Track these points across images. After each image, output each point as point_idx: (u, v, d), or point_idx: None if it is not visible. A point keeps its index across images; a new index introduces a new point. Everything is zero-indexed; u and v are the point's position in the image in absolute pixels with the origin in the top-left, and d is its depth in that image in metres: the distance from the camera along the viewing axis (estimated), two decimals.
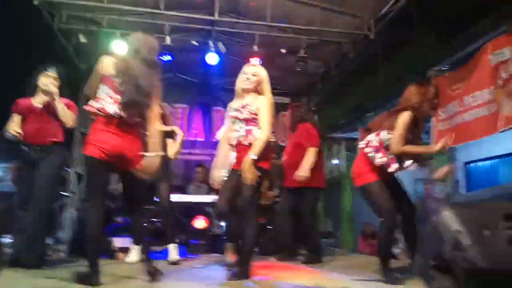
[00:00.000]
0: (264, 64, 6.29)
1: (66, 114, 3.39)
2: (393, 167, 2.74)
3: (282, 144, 7.24)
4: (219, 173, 3.16)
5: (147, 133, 2.65)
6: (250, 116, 2.90)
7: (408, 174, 7.97)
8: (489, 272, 1.74)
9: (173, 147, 3.87)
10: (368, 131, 6.09)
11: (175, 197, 4.83)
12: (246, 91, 2.99)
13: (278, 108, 8.10)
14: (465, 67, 4.83)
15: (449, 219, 1.89)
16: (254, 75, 2.99)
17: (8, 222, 3.34)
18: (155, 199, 4.37)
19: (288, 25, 5.81)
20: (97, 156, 2.46)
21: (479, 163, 8.16)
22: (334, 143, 10.35)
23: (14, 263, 3.12)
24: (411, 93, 2.80)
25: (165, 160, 3.90)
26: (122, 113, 2.52)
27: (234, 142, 3.00)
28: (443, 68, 5.15)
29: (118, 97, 2.53)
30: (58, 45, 5.93)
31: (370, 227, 7.38)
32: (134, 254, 3.84)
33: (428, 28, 5.56)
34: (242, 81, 3.01)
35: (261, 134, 2.88)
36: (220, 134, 3.52)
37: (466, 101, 4.78)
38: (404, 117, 2.75)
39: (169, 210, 4.08)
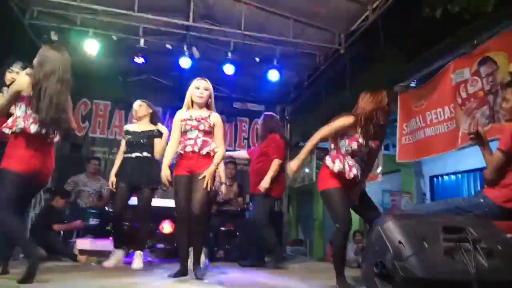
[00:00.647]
0: (238, 71, 6.43)
1: None
2: (352, 173, 2.80)
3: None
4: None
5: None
6: (209, 128, 3.17)
7: (375, 185, 8.20)
8: (427, 281, 1.84)
9: (158, 147, 3.89)
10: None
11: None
12: (200, 104, 3.21)
13: (251, 115, 8.24)
14: (429, 85, 5.04)
15: (392, 229, 1.99)
16: (206, 89, 3.24)
17: None
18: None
19: (262, 35, 5.90)
20: (15, 169, 2.63)
21: (445, 177, 8.48)
22: None
23: None
24: (365, 100, 2.89)
25: (150, 162, 3.92)
26: (42, 131, 2.68)
27: (188, 150, 3.11)
28: (408, 85, 5.34)
29: (36, 115, 2.65)
30: (28, 41, 5.81)
31: None
32: (113, 259, 3.81)
33: (395, 46, 5.77)
34: (195, 95, 3.21)
35: (221, 149, 3.18)
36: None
37: (429, 117, 4.98)
38: (344, 119, 2.87)
39: (145, 216, 4.01)
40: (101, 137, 7.43)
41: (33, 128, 2.66)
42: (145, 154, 3.96)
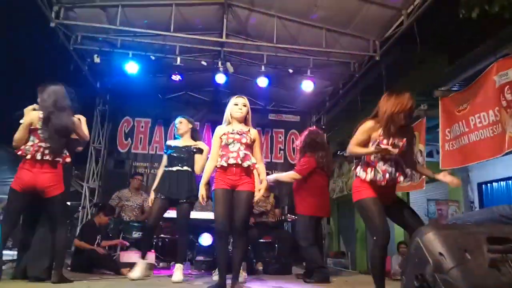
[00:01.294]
0: (272, 83, 6.49)
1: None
2: (386, 178, 2.70)
3: (292, 162, 7.32)
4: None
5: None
6: (250, 142, 3.26)
7: (420, 194, 7.88)
8: None
9: (199, 163, 3.99)
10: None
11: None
12: (239, 119, 3.30)
13: (287, 126, 8.25)
14: (471, 88, 4.81)
15: (432, 241, 1.91)
16: (244, 105, 3.35)
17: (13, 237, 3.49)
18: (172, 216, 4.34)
19: (295, 46, 5.93)
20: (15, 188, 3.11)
21: (494, 184, 8.01)
22: (344, 161, 10.31)
23: (20, 275, 3.24)
24: (388, 102, 2.79)
25: (190, 176, 4.01)
26: (48, 157, 3.09)
27: (231, 162, 3.15)
28: (449, 89, 5.14)
29: (43, 144, 3.10)
30: (74, 65, 6.18)
31: None
32: (138, 270, 3.84)
33: (433, 49, 5.59)
34: (235, 111, 3.31)
35: (261, 165, 3.34)
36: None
37: (472, 121, 4.75)
38: (364, 124, 2.82)
39: (184, 229, 4.05)
40: (143, 153, 7.72)
41: (39, 156, 3.07)
42: (185, 168, 4.04)
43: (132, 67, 6.01)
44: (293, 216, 5.40)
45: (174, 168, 4.02)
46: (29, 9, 5.26)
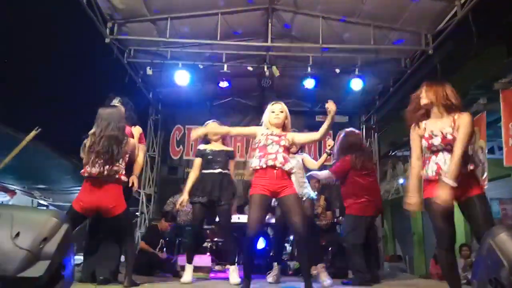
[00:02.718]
0: (319, 84, 6.42)
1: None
2: (442, 172, 2.49)
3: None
4: None
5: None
6: (288, 145, 3.22)
7: None
8: None
9: (232, 167, 4.07)
10: None
11: (234, 218, 4.94)
12: (277, 125, 3.27)
13: (335, 127, 8.09)
14: None
15: (506, 242, 1.79)
16: (281, 111, 3.30)
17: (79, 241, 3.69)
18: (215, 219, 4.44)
19: (341, 45, 5.83)
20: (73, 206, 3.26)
21: None
22: (398, 162, 9.94)
23: (87, 279, 3.43)
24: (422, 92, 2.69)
25: (229, 179, 4.07)
26: (107, 175, 3.22)
27: (270, 164, 3.09)
28: (511, 81, 4.81)
29: (101, 163, 3.22)
30: (129, 77, 6.50)
31: None
32: (187, 274, 3.87)
33: (491, 40, 5.25)
34: (272, 118, 3.28)
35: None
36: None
37: None
38: (471, 118, 2.66)
39: (228, 231, 4.06)
40: (194, 159, 7.89)
41: (91, 172, 3.21)
42: (226, 170, 4.07)
43: (182, 77, 6.20)
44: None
45: (217, 171, 4.02)
46: (85, 27, 5.58)
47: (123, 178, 3.32)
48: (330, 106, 3.09)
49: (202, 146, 4.28)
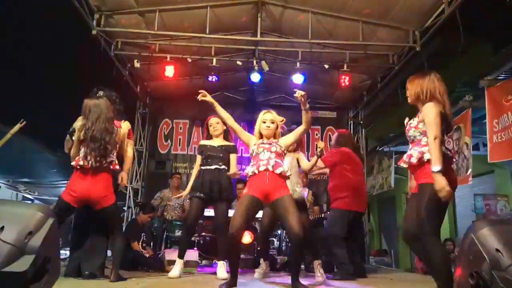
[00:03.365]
0: (308, 79, 6.43)
1: None
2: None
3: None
4: None
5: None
6: (280, 150, 3.24)
7: (466, 189, 7.55)
8: None
9: (233, 162, 4.08)
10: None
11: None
12: (268, 136, 3.30)
13: (323, 123, 8.15)
14: None
15: (487, 237, 1.83)
16: (272, 122, 3.31)
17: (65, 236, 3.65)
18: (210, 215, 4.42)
19: (330, 41, 5.84)
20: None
21: None
22: (384, 157, 10.05)
23: (73, 273, 3.41)
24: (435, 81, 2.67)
25: (223, 176, 4.06)
26: (98, 164, 3.20)
27: (261, 169, 3.14)
28: (496, 78, 4.89)
29: (91, 154, 3.22)
30: (116, 70, 6.41)
31: None
32: (177, 269, 3.87)
33: (478, 38, 5.33)
34: (263, 129, 3.29)
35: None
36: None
37: None
38: (435, 107, 2.58)
39: (222, 227, 3.98)
40: (182, 153, 7.90)
41: (84, 164, 3.20)
42: (223, 166, 4.07)
43: (170, 71, 6.15)
44: None
45: (213, 167, 4.04)
46: (72, 18, 5.48)
47: (117, 167, 3.33)
48: (298, 93, 3.10)
49: (203, 142, 4.30)
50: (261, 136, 3.32)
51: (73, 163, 3.24)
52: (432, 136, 2.45)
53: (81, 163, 3.19)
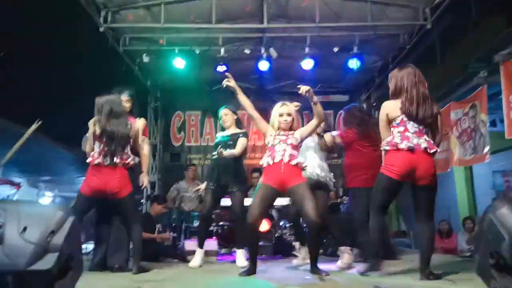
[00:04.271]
0: (317, 64, 6.36)
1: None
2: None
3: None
4: None
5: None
6: (296, 143, 3.26)
7: (485, 165, 7.44)
8: None
9: (240, 144, 4.07)
10: None
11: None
12: (284, 129, 3.31)
13: (335, 107, 8.07)
14: None
15: (506, 216, 1.80)
16: (289, 114, 3.32)
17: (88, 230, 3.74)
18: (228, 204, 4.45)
19: (339, 24, 5.75)
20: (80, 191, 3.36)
21: None
22: None
23: (98, 268, 3.50)
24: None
25: (236, 162, 4.08)
26: (113, 161, 3.27)
27: (277, 160, 3.17)
28: (511, 52, 4.75)
29: (106, 149, 3.29)
30: (125, 66, 6.46)
31: (445, 225, 7.02)
32: (197, 259, 3.96)
33: (491, 11, 5.16)
34: (281, 122, 3.30)
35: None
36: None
37: None
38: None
39: (240, 216, 4.02)
40: (196, 145, 7.95)
41: (99, 160, 3.27)
42: None
43: (179, 63, 6.17)
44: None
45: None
46: (79, 16, 5.52)
47: (131, 162, 3.38)
48: (302, 90, 3.13)
49: (218, 134, 4.39)
50: (277, 127, 3.33)
51: (89, 159, 3.31)
52: None
53: (96, 161, 3.26)
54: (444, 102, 6.04)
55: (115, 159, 3.27)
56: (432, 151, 2.83)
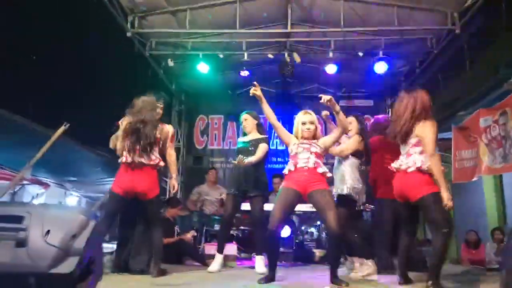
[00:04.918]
0: (341, 68, 6.29)
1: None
2: None
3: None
4: None
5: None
6: (321, 151, 3.26)
7: (510, 179, 7.14)
8: None
9: (261, 148, 4.01)
10: (463, 129, 5.64)
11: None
12: (307, 138, 3.28)
13: (359, 112, 7.92)
14: None
15: None
16: (311, 123, 3.30)
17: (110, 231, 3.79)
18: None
19: (364, 28, 5.67)
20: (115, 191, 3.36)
21: None
22: None
23: (121, 269, 3.55)
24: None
25: (257, 169, 4.03)
26: (143, 160, 3.31)
27: (300, 166, 3.17)
28: None
29: (136, 149, 3.33)
30: (151, 70, 6.58)
31: (473, 235, 6.80)
32: (216, 264, 3.95)
33: None
34: (304, 131, 3.28)
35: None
36: None
37: None
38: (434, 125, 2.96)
39: (259, 222, 4.01)
40: (218, 148, 8.01)
41: (129, 159, 3.32)
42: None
43: (203, 67, 6.24)
44: (371, 206, 5.19)
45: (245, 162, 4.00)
46: (107, 21, 5.66)
47: (161, 163, 3.42)
48: (324, 99, 3.12)
49: (239, 139, 4.37)
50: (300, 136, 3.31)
51: (120, 159, 3.37)
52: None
53: (125, 159, 3.31)
54: (473, 109, 5.85)
55: (142, 158, 3.31)
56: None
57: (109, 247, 5.44)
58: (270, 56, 6.18)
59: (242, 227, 5.92)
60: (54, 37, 7.63)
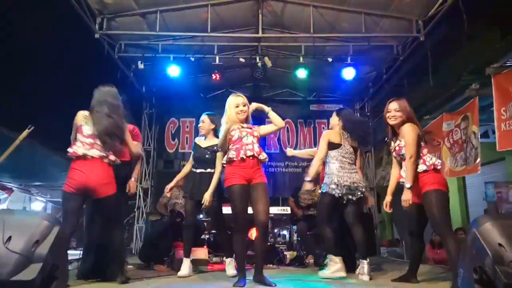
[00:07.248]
0: (312, 73, 6.40)
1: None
2: None
3: None
4: None
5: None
6: (257, 135, 3.32)
7: (477, 177, 7.47)
8: None
9: (219, 161, 3.95)
10: (426, 134, 5.84)
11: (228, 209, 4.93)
12: (242, 121, 3.29)
13: (329, 116, 8.07)
14: None
15: (490, 231, 1.82)
16: (244, 105, 3.31)
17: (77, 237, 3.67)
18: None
19: (333, 35, 5.80)
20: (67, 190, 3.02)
21: None
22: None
23: (86, 276, 3.43)
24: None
25: (206, 180, 3.85)
26: (95, 153, 3.07)
27: (249, 154, 3.18)
28: (503, 65, 4.80)
29: (89, 140, 3.10)
30: (120, 72, 6.45)
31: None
32: (185, 268, 3.86)
33: (483, 25, 5.22)
34: (237, 113, 3.26)
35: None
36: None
37: None
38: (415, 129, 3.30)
39: (218, 226, 4.03)
40: (190, 152, 7.89)
41: (81, 151, 3.06)
42: (208, 170, 3.90)
43: (174, 70, 6.19)
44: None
45: (198, 170, 3.95)
46: (73, 22, 5.52)
47: (112, 157, 3.16)
48: (251, 109, 3.30)
49: (196, 139, 4.19)
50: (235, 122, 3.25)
51: (70, 150, 3.07)
52: (409, 155, 3.03)
53: (78, 151, 3.03)
54: (436, 113, 6.09)
55: (98, 152, 3.06)
56: None
57: (76, 253, 5.29)
58: (242, 60, 6.22)
59: (213, 231, 5.89)
60: (19, 38, 7.38)
